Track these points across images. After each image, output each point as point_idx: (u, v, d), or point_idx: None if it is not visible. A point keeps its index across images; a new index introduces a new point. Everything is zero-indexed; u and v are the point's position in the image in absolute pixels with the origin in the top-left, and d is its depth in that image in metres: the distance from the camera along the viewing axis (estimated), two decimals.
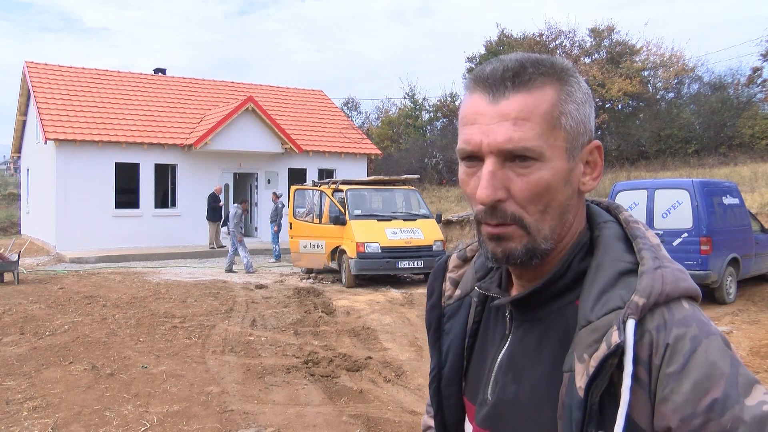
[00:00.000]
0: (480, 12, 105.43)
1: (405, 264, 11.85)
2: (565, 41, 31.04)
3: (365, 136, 24.95)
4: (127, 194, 18.92)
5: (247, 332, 7.89)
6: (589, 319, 0.81)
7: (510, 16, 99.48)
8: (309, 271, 13.56)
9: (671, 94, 29.93)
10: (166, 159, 19.21)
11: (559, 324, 0.88)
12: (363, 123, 39.48)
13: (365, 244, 11.68)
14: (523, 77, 0.84)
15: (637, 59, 29.56)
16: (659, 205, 9.59)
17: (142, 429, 4.68)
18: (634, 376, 0.77)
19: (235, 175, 20.79)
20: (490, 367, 0.95)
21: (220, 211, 17.93)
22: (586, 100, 0.88)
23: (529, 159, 0.83)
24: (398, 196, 13.44)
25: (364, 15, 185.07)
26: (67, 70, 20.90)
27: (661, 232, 9.30)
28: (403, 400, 5.43)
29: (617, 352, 0.77)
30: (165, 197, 20.21)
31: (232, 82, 24.52)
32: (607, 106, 28.57)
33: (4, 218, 27.44)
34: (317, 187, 13.39)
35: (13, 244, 16.11)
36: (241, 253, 13.98)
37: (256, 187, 21.06)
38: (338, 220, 12.26)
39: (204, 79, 23.90)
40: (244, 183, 21.75)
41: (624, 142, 26.53)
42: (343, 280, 12.03)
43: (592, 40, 30.65)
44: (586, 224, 0.93)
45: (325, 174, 21.83)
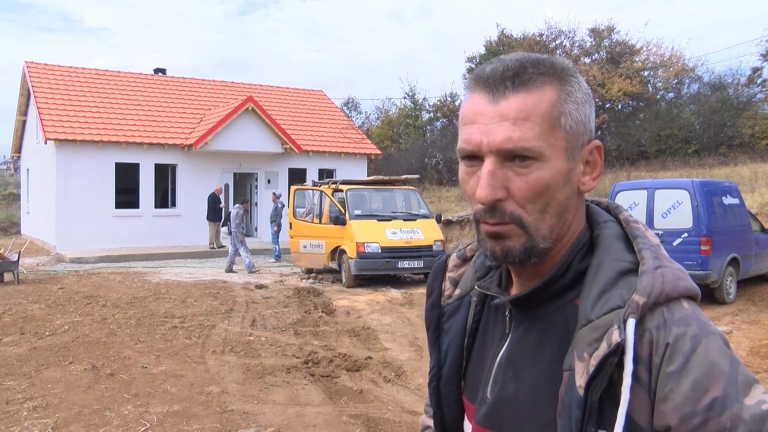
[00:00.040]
0: (480, 12, 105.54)
1: (405, 264, 11.86)
2: (565, 41, 31.08)
3: (365, 136, 24.96)
4: (127, 194, 18.92)
5: (247, 332, 7.89)
6: (590, 318, 0.82)
7: (510, 16, 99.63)
8: (309, 271, 13.56)
9: (671, 94, 29.94)
10: (166, 159, 19.21)
11: (559, 323, 0.88)
12: (363, 123, 39.50)
13: (365, 244, 11.68)
14: (523, 77, 0.84)
15: (637, 59, 29.56)
16: (659, 205, 9.59)
17: (142, 429, 4.68)
18: (634, 375, 0.77)
19: (235, 175, 20.79)
20: (490, 366, 0.95)
21: (220, 211, 17.93)
22: (586, 100, 0.88)
23: (529, 159, 0.83)
24: (398, 196, 13.44)
25: (364, 15, 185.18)
26: (67, 70, 20.90)
27: (661, 232, 9.30)
28: (403, 400, 5.43)
29: (617, 350, 0.77)
30: (165, 197, 20.21)
31: (232, 82, 24.52)
32: (607, 106, 28.57)
33: (4, 218, 27.45)
34: (317, 187, 13.39)
35: (13, 244, 16.10)
36: (243, 254, 13.97)
37: (256, 187, 21.06)
38: (338, 220, 12.27)
39: (204, 79, 23.91)
40: (244, 183, 21.75)
41: (624, 142, 26.53)
42: (343, 280, 12.03)
43: (592, 40, 30.66)
44: (586, 224, 0.93)
45: (325, 174, 21.83)
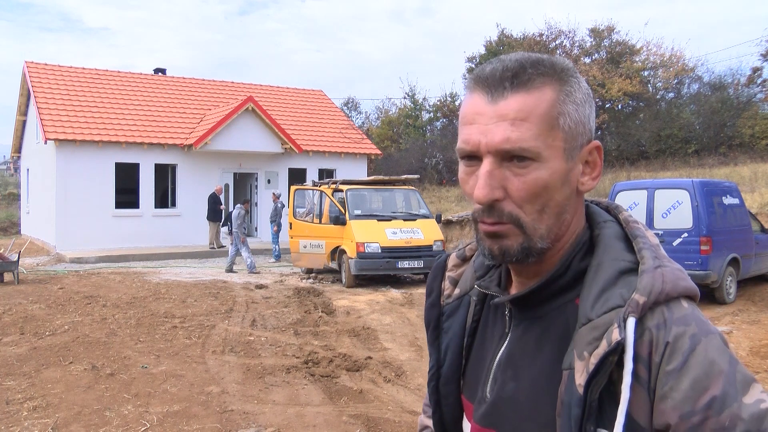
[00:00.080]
0: (480, 12, 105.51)
1: (405, 264, 11.86)
2: (565, 41, 31.07)
3: (365, 136, 24.96)
4: (127, 194, 18.92)
5: (247, 332, 7.89)
6: (590, 317, 0.82)
7: (510, 16, 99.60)
8: (309, 271, 13.56)
9: (671, 94, 29.94)
10: (166, 159, 19.21)
11: (559, 322, 0.88)
12: (363, 123, 39.50)
13: (365, 244, 11.68)
14: (522, 78, 0.85)
15: (637, 59, 29.56)
16: (659, 205, 9.59)
17: (142, 429, 4.68)
18: (634, 374, 0.77)
19: (235, 175, 20.79)
20: (489, 365, 0.95)
21: (221, 212, 17.93)
22: (585, 101, 0.88)
23: (527, 159, 0.83)
24: (398, 196, 13.44)
25: (364, 15, 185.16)
26: (67, 70, 20.90)
27: (661, 232, 9.30)
28: (403, 400, 5.43)
29: (617, 349, 0.77)
30: (165, 197, 20.21)
31: (232, 82, 24.52)
32: (607, 106, 28.57)
33: (4, 218, 27.45)
34: (317, 187, 13.39)
35: (13, 244, 16.11)
36: (244, 254, 13.97)
37: (256, 187, 21.06)
38: (338, 220, 12.27)
39: (204, 79, 23.91)
40: (244, 183, 21.75)
41: (624, 142, 26.53)
42: (343, 280, 12.03)
43: (592, 40, 30.66)
44: (585, 224, 0.93)
45: (325, 174, 21.83)
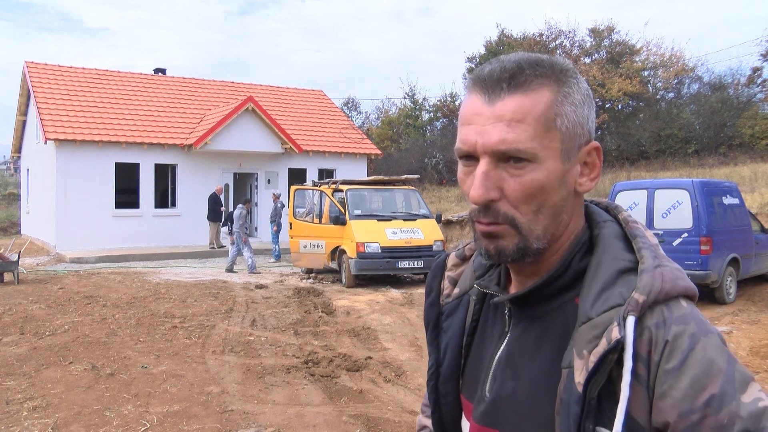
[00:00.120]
0: (480, 12, 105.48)
1: (405, 264, 11.86)
2: (565, 41, 31.06)
3: (365, 136, 24.95)
4: (127, 194, 18.93)
5: (247, 332, 7.89)
6: (589, 316, 0.82)
7: (510, 16, 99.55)
8: (309, 271, 13.56)
9: (671, 94, 29.93)
10: (166, 159, 19.21)
11: (559, 321, 0.88)
12: (363, 123, 39.50)
13: (365, 244, 11.68)
14: (519, 79, 0.85)
15: (637, 59, 29.55)
16: (659, 205, 9.59)
17: (142, 429, 4.69)
18: (633, 372, 0.77)
19: (235, 175, 20.79)
20: (489, 364, 0.96)
21: (221, 212, 17.93)
22: (584, 102, 0.88)
23: (523, 160, 0.84)
24: (398, 196, 13.44)
25: (364, 15, 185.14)
26: (67, 70, 20.90)
27: (661, 232, 9.30)
28: (403, 400, 5.43)
29: (617, 347, 0.77)
30: (165, 197, 20.21)
31: (232, 82, 24.52)
32: (607, 106, 28.57)
33: (4, 218, 27.45)
34: (317, 187, 13.39)
35: (13, 244, 16.11)
36: (246, 254, 13.97)
37: (256, 187, 21.06)
38: (338, 220, 12.27)
39: (204, 79, 23.91)
40: (244, 183, 21.75)
41: (624, 142, 26.53)
42: (343, 280, 12.03)
43: (592, 40, 30.65)
44: (585, 224, 0.93)
45: (325, 174, 21.83)
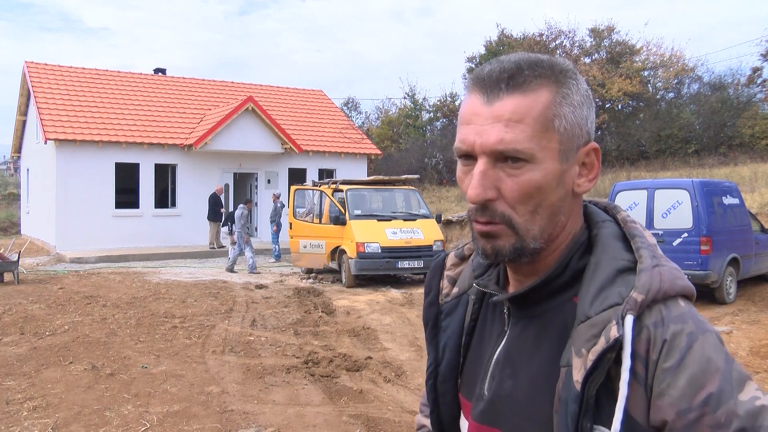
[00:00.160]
0: (480, 12, 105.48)
1: (405, 264, 11.86)
2: (565, 41, 31.06)
3: (365, 136, 24.95)
4: (127, 194, 18.93)
5: (247, 332, 7.89)
6: (588, 315, 0.82)
7: (510, 16, 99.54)
8: (309, 271, 13.56)
9: (671, 94, 29.93)
10: (166, 159, 19.21)
11: (557, 320, 0.89)
12: (363, 123, 39.49)
13: (365, 244, 11.68)
14: (518, 79, 0.85)
15: (637, 59, 29.55)
16: (659, 205, 9.59)
17: (142, 429, 4.69)
18: (632, 371, 0.78)
19: (235, 175, 20.80)
20: (487, 363, 0.96)
21: (221, 213, 17.93)
22: (584, 103, 0.88)
23: (520, 160, 0.84)
24: (398, 196, 13.44)
25: (364, 15, 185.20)
26: (67, 70, 20.90)
27: (661, 232, 9.30)
28: (403, 400, 5.43)
29: (615, 346, 0.78)
30: (165, 197, 20.22)
31: (232, 82, 24.52)
32: (607, 106, 28.57)
33: (4, 218, 27.45)
34: (317, 187, 13.40)
35: (13, 244, 16.11)
36: (247, 254, 13.98)
37: (256, 187, 21.06)
38: (338, 220, 12.27)
39: (204, 79, 23.91)
40: (244, 183, 21.75)
41: (624, 142, 26.53)
42: (343, 280, 12.03)
43: (592, 40, 30.65)
44: (584, 223, 0.94)
45: (325, 174, 21.83)
